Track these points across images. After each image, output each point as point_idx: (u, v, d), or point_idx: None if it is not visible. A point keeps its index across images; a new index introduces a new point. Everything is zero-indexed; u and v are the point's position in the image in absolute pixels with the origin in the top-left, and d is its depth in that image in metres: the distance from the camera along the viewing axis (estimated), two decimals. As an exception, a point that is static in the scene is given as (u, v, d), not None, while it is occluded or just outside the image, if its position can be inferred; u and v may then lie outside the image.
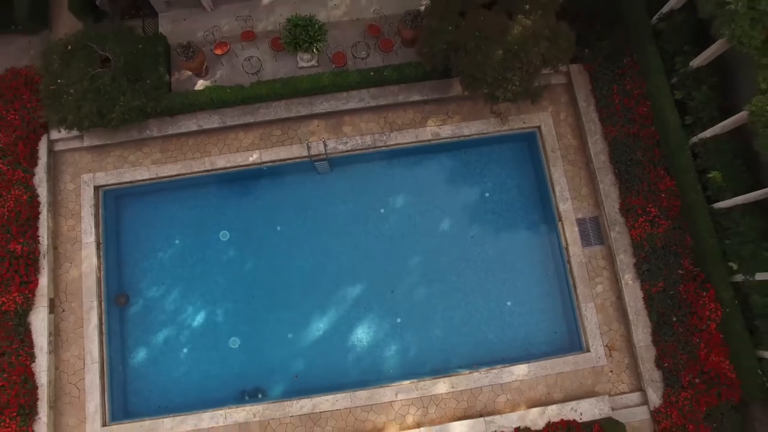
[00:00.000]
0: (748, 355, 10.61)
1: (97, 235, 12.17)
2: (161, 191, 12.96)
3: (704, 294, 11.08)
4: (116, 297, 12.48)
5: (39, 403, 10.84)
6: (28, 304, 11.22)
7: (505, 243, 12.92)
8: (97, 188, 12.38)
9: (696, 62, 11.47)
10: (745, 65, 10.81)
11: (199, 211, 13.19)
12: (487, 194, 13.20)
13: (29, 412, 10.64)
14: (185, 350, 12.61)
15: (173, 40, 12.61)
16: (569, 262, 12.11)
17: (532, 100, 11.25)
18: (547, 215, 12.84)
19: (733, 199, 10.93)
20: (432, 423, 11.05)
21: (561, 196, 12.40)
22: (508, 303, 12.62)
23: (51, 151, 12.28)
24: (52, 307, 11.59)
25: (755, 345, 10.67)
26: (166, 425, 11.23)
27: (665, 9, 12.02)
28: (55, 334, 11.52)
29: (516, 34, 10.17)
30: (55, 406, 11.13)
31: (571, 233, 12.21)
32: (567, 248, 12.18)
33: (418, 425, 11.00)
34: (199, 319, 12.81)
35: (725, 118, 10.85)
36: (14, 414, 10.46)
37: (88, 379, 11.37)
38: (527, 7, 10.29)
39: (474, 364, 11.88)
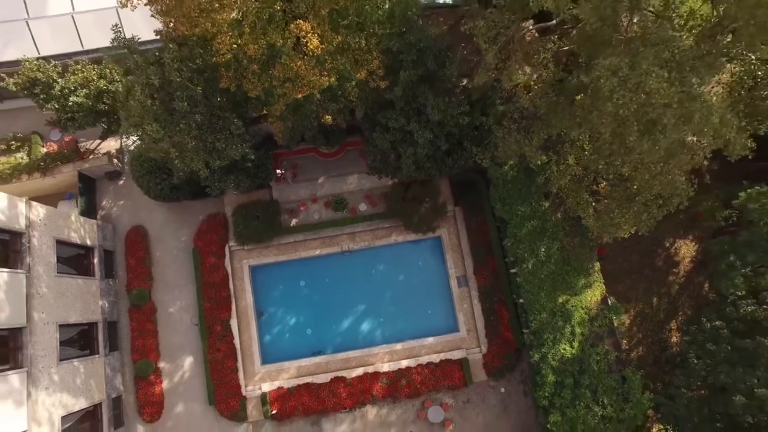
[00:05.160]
0: (518, 332, 26.98)
1: (251, 286, 28.42)
2: (276, 266, 29.12)
3: (504, 308, 27.40)
4: (258, 313, 28.75)
5: (238, 355, 27.26)
6: (229, 317, 27.60)
7: (427, 286, 29.16)
8: (250, 266, 28.61)
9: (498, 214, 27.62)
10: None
11: (290, 273, 29.40)
12: (420, 263, 29.47)
13: (235, 358, 27.05)
14: (287, 335, 28.96)
15: (281, 200, 28.75)
16: (452, 294, 28.38)
17: (433, 231, 27.57)
18: (446, 274, 28.99)
19: (515, 269, 27.17)
20: (395, 360, 27.40)
21: (450, 265, 28.63)
22: (429, 311, 28.94)
23: (230, 250, 28.46)
24: (237, 318, 27.90)
25: (521, 328, 27.00)
26: (286, 365, 27.64)
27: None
28: (240, 328, 27.81)
29: (423, 211, 26.44)
30: (242, 356, 27.50)
31: (454, 282, 28.47)
32: (448, 288, 28.41)
33: (389, 361, 27.40)
34: (292, 321, 29.14)
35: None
36: (232, 358, 26.90)
37: (253, 347, 27.72)
38: (427, 199, 26.54)
39: (412, 336, 28.22)
